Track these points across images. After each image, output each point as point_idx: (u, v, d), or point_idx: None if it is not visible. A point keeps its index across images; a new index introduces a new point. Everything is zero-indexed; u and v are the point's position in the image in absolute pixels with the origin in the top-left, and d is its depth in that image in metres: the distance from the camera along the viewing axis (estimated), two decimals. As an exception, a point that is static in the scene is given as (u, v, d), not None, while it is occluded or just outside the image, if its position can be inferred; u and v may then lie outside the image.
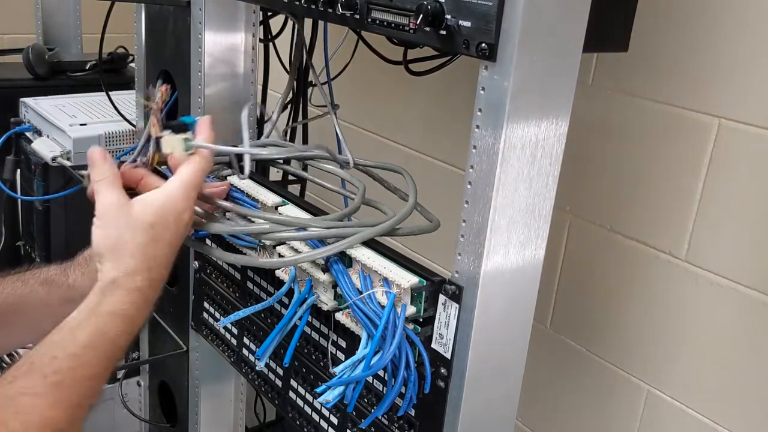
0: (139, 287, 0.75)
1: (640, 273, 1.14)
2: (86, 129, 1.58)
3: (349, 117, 1.63)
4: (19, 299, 0.96)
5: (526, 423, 1.36)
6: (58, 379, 0.69)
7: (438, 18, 0.71)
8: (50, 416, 0.69)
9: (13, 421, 0.67)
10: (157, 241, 0.77)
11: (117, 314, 0.74)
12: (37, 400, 0.68)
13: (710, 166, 1.03)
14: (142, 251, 0.76)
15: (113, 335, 0.73)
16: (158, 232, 0.77)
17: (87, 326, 0.73)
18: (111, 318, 0.74)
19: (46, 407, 0.69)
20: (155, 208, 0.77)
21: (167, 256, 0.79)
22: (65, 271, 0.99)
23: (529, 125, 0.70)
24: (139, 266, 0.76)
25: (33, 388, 0.68)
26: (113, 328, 0.73)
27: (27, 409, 0.68)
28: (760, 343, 1.01)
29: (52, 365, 0.70)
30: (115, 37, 1.69)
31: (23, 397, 0.68)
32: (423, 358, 0.78)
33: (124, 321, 0.74)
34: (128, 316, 0.75)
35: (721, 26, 1.00)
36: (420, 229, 0.89)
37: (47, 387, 0.69)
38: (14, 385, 0.68)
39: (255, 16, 1.18)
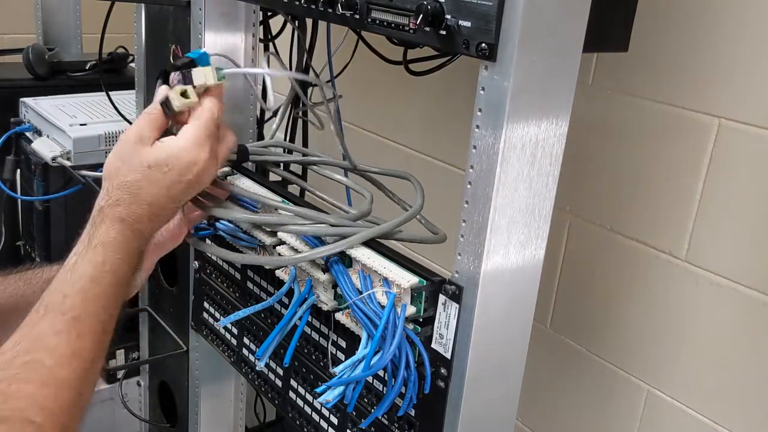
0: (122, 217, 0.78)
1: (640, 273, 1.14)
2: (86, 129, 1.58)
3: (349, 117, 1.63)
4: (21, 299, 0.97)
5: (526, 423, 1.36)
6: (74, 314, 0.74)
7: (438, 18, 0.71)
8: (78, 347, 0.73)
9: (48, 358, 0.71)
10: (149, 182, 0.79)
11: (108, 243, 0.77)
12: (62, 336, 0.72)
13: (710, 166, 1.03)
14: (128, 186, 0.79)
15: (111, 265, 0.77)
16: (153, 175, 0.79)
17: (86, 260, 0.76)
18: (104, 248, 0.77)
19: (72, 340, 0.73)
20: (159, 153, 0.80)
21: (160, 198, 0.80)
22: None
23: (529, 125, 0.70)
24: (122, 199, 0.79)
25: (54, 327, 0.73)
26: (109, 257, 0.77)
27: (55, 345, 0.72)
28: (760, 343, 1.01)
29: (65, 303, 0.74)
30: (115, 37, 1.69)
31: (48, 337, 0.72)
32: (423, 358, 0.78)
33: (116, 249, 0.77)
34: (118, 244, 0.78)
35: (721, 26, 1.00)
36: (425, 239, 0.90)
37: (67, 323, 0.73)
38: (37, 328, 0.73)
39: (255, 16, 1.18)
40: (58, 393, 0.70)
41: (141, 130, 0.81)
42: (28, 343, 0.71)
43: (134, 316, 1.57)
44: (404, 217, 0.88)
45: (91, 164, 1.50)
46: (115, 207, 0.79)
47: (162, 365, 1.54)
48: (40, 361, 0.70)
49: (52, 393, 0.70)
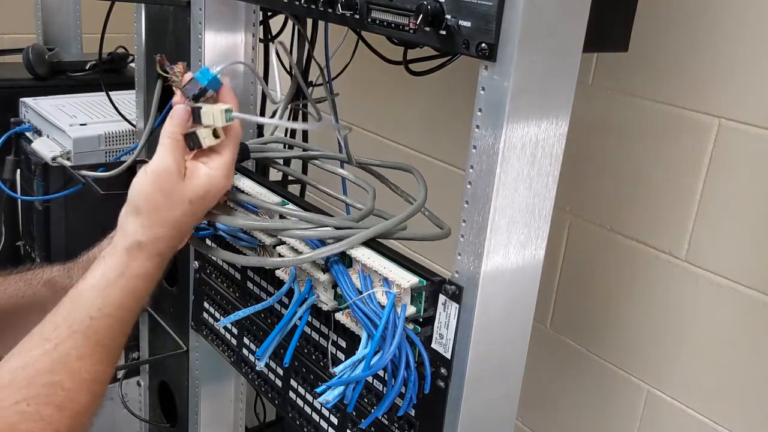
0: (161, 252, 0.81)
1: (640, 273, 1.14)
2: (86, 129, 1.58)
3: (349, 117, 1.63)
4: (21, 300, 0.97)
5: (526, 423, 1.36)
6: (98, 338, 0.76)
7: (438, 18, 0.71)
8: (97, 371, 0.75)
9: (68, 381, 0.72)
10: (187, 215, 0.82)
11: (142, 276, 0.80)
12: (84, 360, 0.74)
13: (710, 166, 1.03)
14: (173, 224, 0.81)
15: (140, 294, 0.80)
16: (193, 208, 0.82)
17: (117, 287, 0.78)
18: (137, 280, 0.79)
19: (92, 364, 0.75)
20: (199, 189, 0.82)
21: (191, 226, 0.84)
22: (68, 272, 1.00)
23: (529, 125, 0.70)
24: (165, 235, 0.81)
25: (78, 350, 0.74)
26: (141, 289, 0.80)
27: (76, 369, 0.74)
28: (760, 343, 1.01)
29: (92, 327, 0.75)
30: (115, 37, 1.69)
31: (70, 359, 0.73)
32: (423, 358, 0.78)
33: (148, 281, 0.81)
34: (151, 277, 0.81)
35: (721, 26, 1.00)
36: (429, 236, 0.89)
37: (91, 348, 0.75)
38: (59, 349, 0.74)
39: (255, 16, 1.18)
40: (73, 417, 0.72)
41: (178, 161, 0.82)
42: (50, 362, 0.73)
43: (134, 316, 1.57)
44: (406, 214, 0.87)
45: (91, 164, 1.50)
46: (156, 243, 0.80)
47: (162, 365, 1.54)
48: (60, 384, 0.72)
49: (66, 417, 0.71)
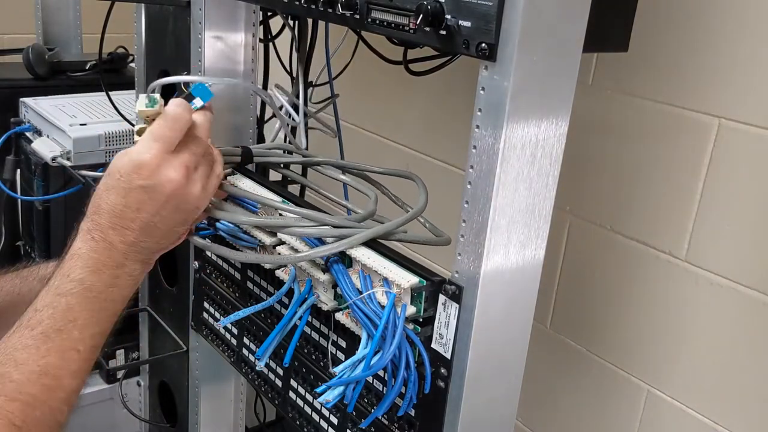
0: (89, 228, 0.78)
1: (640, 273, 1.14)
2: (86, 129, 1.58)
3: (349, 117, 1.63)
4: (17, 297, 0.97)
5: (526, 423, 1.36)
6: (42, 329, 0.73)
7: (438, 18, 0.71)
8: (46, 363, 0.73)
9: (15, 373, 0.71)
10: (108, 191, 0.78)
11: (73, 255, 0.77)
12: (30, 351, 0.72)
13: (710, 166, 1.03)
14: (93, 199, 0.79)
15: (76, 276, 0.76)
16: (110, 182, 0.78)
17: (57, 274, 0.77)
18: (70, 260, 0.77)
19: (39, 356, 0.73)
20: (115, 161, 0.79)
21: (117, 207, 0.78)
22: None
23: (529, 125, 0.70)
24: (89, 211, 0.79)
25: (23, 341, 0.73)
26: (74, 270, 0.76)
27: (23, 360, 0.72)
28: (760, 343, 1.01)
29: (35, 318, 0.74)
30: (115, 37, 1.69)
31: (17, 351, 0.72)
32: (423, 358, 0.78)
33: (77, 259, 0.76)
34: (81, 254, 0.77)
35: (721, 26, 1.00)
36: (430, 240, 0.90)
37: (35, 338, 0.73)
38: (8, 343, 0.73)
39: (255, 16, 1.18)
40: (26, 409, 0.70)
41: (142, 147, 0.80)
42: (0, 355, 0.72)
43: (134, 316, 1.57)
44: (405, 218, 0.87)
45: (91, 164, 1.50)
46: (85, 221, 0.79)
47: (162, 365, 1.54)
48: (8, 376, 0.70)
49: (18, 408, 0.69)
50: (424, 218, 0.95)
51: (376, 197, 0.96)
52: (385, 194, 1.03)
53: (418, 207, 0.91)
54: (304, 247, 0.86)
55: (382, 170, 1.06)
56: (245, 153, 1.01)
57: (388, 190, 1.04)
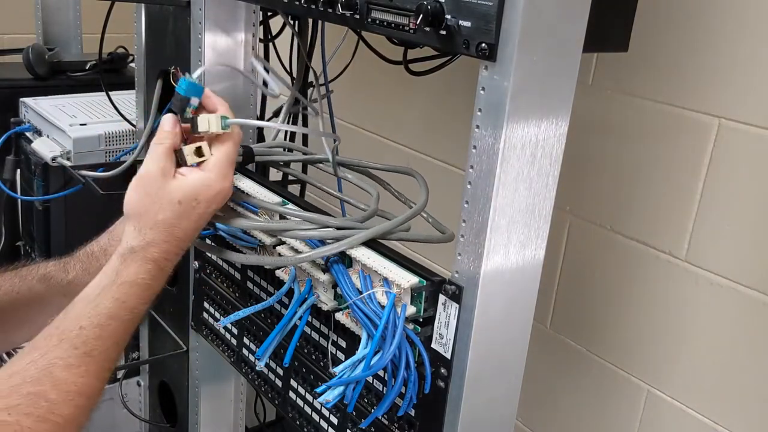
0: (155, 258, 0.79)
1: (640, 273, 1.14)
2: (86, 129, 1.58)
3: (349, 117, 1.63)
4: (17, 296, 0.96)
5: (526, 423, 1.36)
6: (87, 349, 0.73)
7: (438, 18, 0.71)
8: (84, 383, 0.72)
9: (52, 392, 0.70)
10: (181, 218, 0.80)
11: (135, 284, 0.78)
12: (71, 370, 0.72)
13: (710, 166, 1.03)
14: (163, 226, 0.80)
15: (132, 304, 0.77)
16: (184, 210, 0.81)
17: (109, 296, 0.76)
18: (130, 288, 0.77)
19: (79, 376, 0.72)
20: (187, 188, 0.81)
21: (189, 232, 0.82)
22: (65, 267, 0.99)
23: (529, 125, 0.70)
24: (156, 239, 0.79)
25: (66, 360, 0.72)
26: (132, 297, 0.77)
27: (63, 379, 0.71)
28: (760, 343, 1.01)
29: (81, 336, 0.73)
30: (115, 37, 1.69)
31: (57, 368, 0.71)
32: (423, 358, 0.78)
33: (141, 289, 0.78)
34: (145, 285, 0.78)
35: (721, 26, 1.00)
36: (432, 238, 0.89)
37: (79, 358, 0.72)
38: (47, 358, 0.71)
39: (255, 16, 1.18)
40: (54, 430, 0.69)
41: (162, 163, 0.81)
42: (36, 371, 0.70)
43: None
44: (407, 216, 0.87)
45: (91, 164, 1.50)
46: (148, 248, 0.79)
47: (162, 365, 1.54)
48: (43, 395, 0.69)
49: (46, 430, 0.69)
50: (428, 214, 0.95)
51: (377, 195, 0.96)
52: (387, 190, 1.03)
53: (419, 204, 0.91)
54: (304, 248, 0.86)
55: (382, 167, 1.06)
56: (246, 153, 1.01)
57: (390, 186, 1.04)
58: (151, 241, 0.79)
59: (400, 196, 1.02)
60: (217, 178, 0.82)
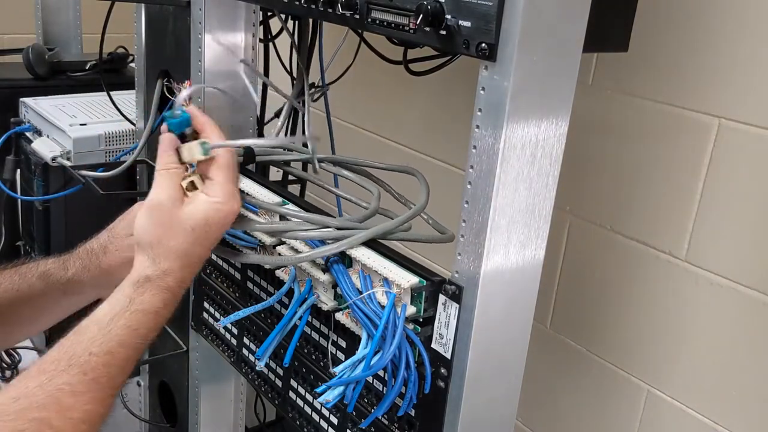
0: (170, 287, 0.79)
1: (640, 273, 1.14)
2: (86, 129, 1.58)
3: (349, 117, 1.63)
4: (16, 294, 0.96)
5: (526, 423, 1.36)
6: (95, 375, 0.72)
7: (438, 18, 0.71)
8: (89, 410, 0.71)
9: (57, 419, 0.68)
10: (194, 245, 0.80)
11: (149, 312, 0.77)
12: (78, 397, 0.70)
13: (710, 166, 1.03)
14: (178, 254, 0.79)
15: (144, 331, 0.77)
16: (198, 236, 0.80)
17: (120, 323, 0.75)
18: (143, 315, 0.77)
19: (85, 403, 0.71)
20: (198, 215, 0.81)
21: (203, 256, 0.82)
22: (64, 264, 0.99)
23: (529, 125, 0.70)
24: (172, 267, 0.79)
25: (73, 386, 0.71)
26: (144, 325, 0.77)
27: (69, 406, 0.70)
28: (760, 343, 1.01)
29: (90, 362, 0.72)
30: (115, 37, 1.69)
31: (64, 394, 0.70)
32: (423, 358, 0.78)
33: (154, 318, 0.78)
34: (158, 313, 0.78)
35: (721, 26, 1.00)
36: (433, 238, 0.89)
37: (86, 384, 0.71)
38: (54, 383, 0.70)
39: (255, 16, 1.18)
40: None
41: (171, 191, 0.81)
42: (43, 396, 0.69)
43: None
44: (407, 216, 0.87)
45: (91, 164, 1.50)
46: (164, 277, 0.78)
47: (162, 365, 1.54)
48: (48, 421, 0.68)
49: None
50: (428, 215, 0.95)
51: (378, 194, 0.96)
52: (388, 191, 1.03)
53: (419, 204, 0.91)
54: (304, 248, 0.86)
55: (382, 166, 1.06)
56: (247, 153, 1.01)
57: (390, 187, 1.04)
58: (166, 270, 0.79)
59: (400, 197, 1.02)
60: (225, 200, 0.82)
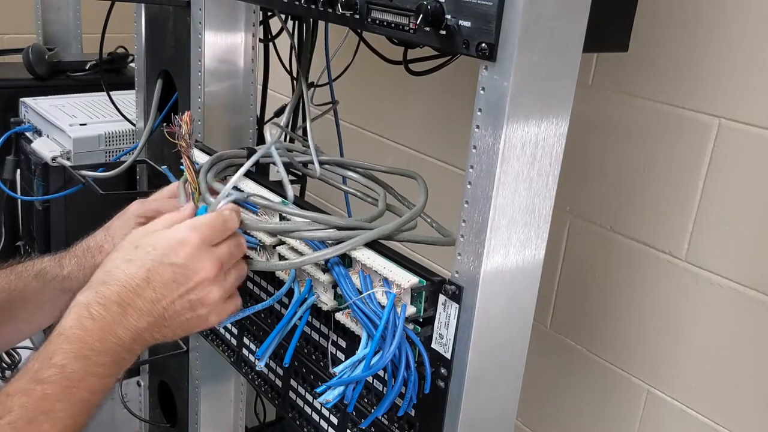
0: (87, 302, 0.70)
1: (640, 273, 1.14)
2: (86, 129, 1.58)
3: (349, 117, 1.63)
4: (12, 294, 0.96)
5: (526, 423, 1.36)
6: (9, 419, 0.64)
7: (438, 18, 0.71)
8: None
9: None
10: (129, 261, 0.73)
11: (62, 335, 0.68)
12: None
13: (710, 166, 1.03)
14: (104, 265, 0.73)
15: (59, 362, 0.67)
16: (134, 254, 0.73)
17: (38, 354, 0.68)
18: (57, 339, 0.68)
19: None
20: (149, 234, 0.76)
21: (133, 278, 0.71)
22: (60, 262, 0.98)
23: (529, 125, 0.70)
24: (97, 275, 0.73)
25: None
26: (58, 353, 0.67)
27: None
28: (760, 343, 1.01)
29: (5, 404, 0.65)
30: (115, 37, 1.70)
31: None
32: (423, 358, 0.78)
33: (69, 345, 0.68)
34: (71, 338, 0.68)
35: (721, 26, 1.00)
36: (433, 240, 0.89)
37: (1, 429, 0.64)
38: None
39: (255, 16, 1.18)
40: None
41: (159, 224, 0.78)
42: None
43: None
44: (405, 219, 0.87)
45: (91, 164, 1.50)
46: (84, 293, 0.71)
47: (162, 365, 1.54)
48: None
49: None
50: (430, 218, 0.95)
51: (384, 194, 0.96)
52: (391, 194, 1.03)
53: (416, 207, 0.91)
54: (305, 248, 0.86)
55: (385, 168, 1.06)
56: (251, 154, 1.00)
57: (393, 189, 1.04)
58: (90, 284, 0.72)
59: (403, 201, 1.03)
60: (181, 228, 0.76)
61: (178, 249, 0.73)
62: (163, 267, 0.72)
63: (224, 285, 0.78)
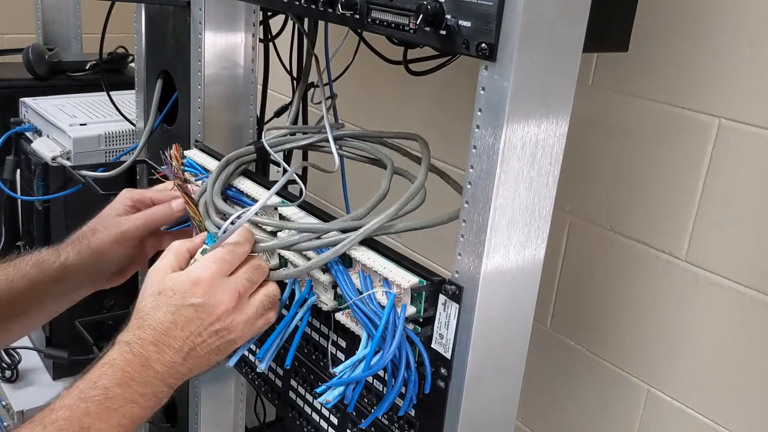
0: (127, 341, 0.77)
1: (640, 273, 1.14)
2: (86, 129, 1.58)
3: (349, 117, 1.63)
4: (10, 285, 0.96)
5: (526, 423, 1.36)
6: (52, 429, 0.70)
7: (438, 18, 0.71)
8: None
9: None
10: (157, 308, 0.79)
11: (107, 364, 0.75)
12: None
13: (710, 166, 1.03)
14: (137, 312, 0.80)
15: (103, 384, 0.74)
16: (160, 300, 0.79)
17: (83, 378, 0.75)
18: (102, 368, 0.75)
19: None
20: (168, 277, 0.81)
21: (162, 323, 0.78)
22: (57, 251, 1.00)
23: (529, 125, 0.70)
24: (132, 322, 0.79)
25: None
26: (103, 378, 0.74)
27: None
28: (760, 343, 1.01)
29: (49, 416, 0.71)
30: (115, 37, 1.70)
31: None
32: (423, 358, 0.78)
33: (113, 372, 0.75)
34: (115, 366, 0.75)
35: (721, 26, 1.00)
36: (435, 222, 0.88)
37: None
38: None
39: (255, 16, 1.18)
40: None
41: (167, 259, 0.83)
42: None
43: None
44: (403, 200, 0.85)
45: (91, 164, 1.50)
46: (126, 331, 0.78)
47: (162, 365, 1.54)
48: None
49: None
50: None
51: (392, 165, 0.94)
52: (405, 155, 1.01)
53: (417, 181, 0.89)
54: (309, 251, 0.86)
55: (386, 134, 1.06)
56: (259, 150, 1.00)
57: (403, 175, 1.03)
58: (130, 325, 0.79)
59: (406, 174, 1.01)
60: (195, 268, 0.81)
61: (194, 289, 0.79)
62: (186, 309, 0.79)
63: (247, 311, 0.82)
